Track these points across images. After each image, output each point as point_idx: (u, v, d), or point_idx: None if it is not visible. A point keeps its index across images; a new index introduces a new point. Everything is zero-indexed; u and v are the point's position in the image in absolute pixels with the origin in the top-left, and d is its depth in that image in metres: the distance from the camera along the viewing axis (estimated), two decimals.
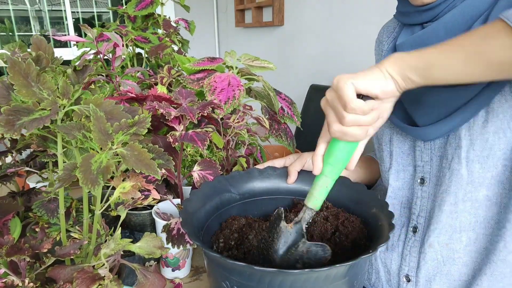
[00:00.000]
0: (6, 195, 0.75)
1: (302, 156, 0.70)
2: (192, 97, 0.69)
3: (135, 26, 1.30)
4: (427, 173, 0.64)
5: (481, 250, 0.60)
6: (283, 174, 0.70)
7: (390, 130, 0.69)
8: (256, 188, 0.67)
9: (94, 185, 0.42)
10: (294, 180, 0.69)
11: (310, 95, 2.30)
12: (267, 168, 0.69)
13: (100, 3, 5.31)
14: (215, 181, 0.64)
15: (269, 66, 0.88)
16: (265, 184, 0.68)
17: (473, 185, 0.58)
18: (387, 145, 0.69)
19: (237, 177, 0.66)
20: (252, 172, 0.68)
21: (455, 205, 0.60)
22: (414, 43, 0.62)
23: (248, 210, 0.66)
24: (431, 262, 0.63)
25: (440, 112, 0.57)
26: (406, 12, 0.64)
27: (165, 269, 0.71)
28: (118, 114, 0.47)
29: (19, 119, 0.41)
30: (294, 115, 0.93)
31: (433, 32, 0.58)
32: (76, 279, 0.44)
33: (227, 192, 0.64)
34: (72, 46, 3.10)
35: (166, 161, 0.55)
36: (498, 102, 0.53)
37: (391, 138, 0.68)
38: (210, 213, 0.60)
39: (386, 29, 0.76)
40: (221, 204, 0.63)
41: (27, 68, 0.43)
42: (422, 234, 0.65)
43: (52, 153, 0.62)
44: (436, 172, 0.62)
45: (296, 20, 2.62)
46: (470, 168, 0.58)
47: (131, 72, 1.08)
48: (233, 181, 0.66)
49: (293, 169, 0.68)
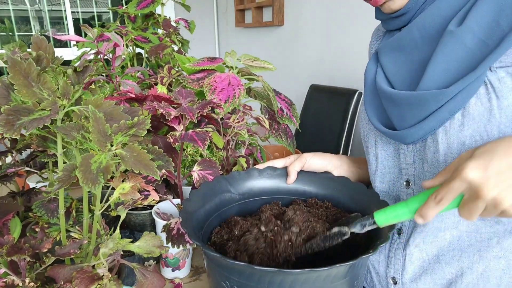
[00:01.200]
0: (6, 195, 0.75)
1: (302, 156, 0.70)
2: (192, 97, 0.69)
3: (135, 26, 1.30)
4: (412, 175, 0.64)
5: (465, 248, 0.60)
6: (283, 174, 0.70)
7: (375, 133, 0.69)
8: (256, 188, 0.67)
9: (95, 184, 0.42)
10: (294, 180, 0.69)
11: (310, 95, 2.30)
12: (267, 168, 0.69)
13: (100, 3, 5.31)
14: (214, 181, 0.64)
15: (269, 66, 0.88)
16: (265, 184, 0.68)
17: None
18: (373, 148, 0.69)
19: (236, 177, 0.67)
20: (251, 172, 0.68)
21: None
22: (391, 45, 0.63)
23: (248, 210, 0.66)
24: (417, 262, 0.64)
25: (415, 115, 0.57)
26: (382, 19, 0.67)
27: (165, 269, 0.71)
28: (118, 115, 0.47)
29: (19, 119, 0.42)
30: (293, 116, 0.93)
31: (408, 34, 0.60)
32: (75, 278, 0.44)
33: (227, 192, 0.64)
34: (72, 46, 3.11)
35: (166, 162, 0.55)
36: (474, 105, 0.53)
37: (376, 141, 0.68)
38: (210, 213, 0.60)
39: (376, 34, 0.78)
40: (221, 204, 0.63)
41: (27, 68, 0.43)
42: (407, 236, 0.65)
43: (52, 153, 0.62)
44: (420, 175, 0.62)
45: (296, 20, 2.62)
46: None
47: (131, 72, 1.08)
48: (233, 181, 0.66)
49: (292, 169, 0.69)
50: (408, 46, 0.61)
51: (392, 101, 0.60)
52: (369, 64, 0.69)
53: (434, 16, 0.57)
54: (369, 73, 0.68)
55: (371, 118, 0.65)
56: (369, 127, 0.70)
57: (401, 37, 0.61)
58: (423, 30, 0.58)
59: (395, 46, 0.63)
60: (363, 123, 0.73)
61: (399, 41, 0.62)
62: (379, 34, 0.77)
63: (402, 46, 0.62)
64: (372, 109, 0.65)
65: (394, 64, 0.63)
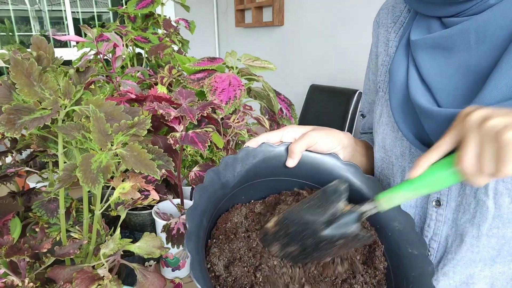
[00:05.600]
0: (6, 195, 0.75)
1: (308, 135, 0.54)
2: (192, 97, 0.69)
3: (135, 26, 1.30)
4: (444, 195, 0.56)
5: (497, 275, 0.55)
6: (282, 153, 0.55)
7: (403, 144, 0.59)
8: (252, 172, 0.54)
9: (95, 183, 0.42)
10: (296, 163, 0.55)
11: (310, 95, 2.31)
12: (262, 146, 0.54)
13: (100, 3, 5.31)
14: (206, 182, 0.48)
15: (269, 66, 0.88)
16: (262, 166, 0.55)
17: (500, 220, 0.51)
18: (399, 160, 0.60)
19: (229, 162, 0.52)
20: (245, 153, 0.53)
21: (478, 239, 0.53)
22: (435, 44, 0.52)
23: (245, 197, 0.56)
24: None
25: None
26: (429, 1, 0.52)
27: (165, 269, 0.71)
28: (118, 115, 0.47)
29: (20, 118, 0.41)
30: (291, 117, 0.93)
31: (461, 35, 0.49)
32: (75, 279, 0.44)
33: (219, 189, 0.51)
34: (72, 46, 3.11)
35: (166, 162, 0.55)
36: None
37: (403, 153, 0.59)
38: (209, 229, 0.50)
39: (392, 12, 0.65)
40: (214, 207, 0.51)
41: (30, 68, 0.43)
42: (435, 260, 0.59)
43: (52, 153, 0.62)
44: (456, 197, 0.55)
45: (296, 20, 2.62)
46: (498, 201, 0.50)
47: (131, 72, 1.08)
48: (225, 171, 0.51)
49: (297, 150, 0.54)
50: (458, 47, 0.50)
51: (435, 120, 0.49)
52: (397, 59, 0.58)
53: (501, 19, 0.46)
54: (398, 71, 0.57)
55: (403, 130, 0.54)
56: (395, 135, 0.60)
57: (452, 37, 0.50)
58: (484, 33, 0.47)
59: (441, 44, 0.51)
60: (385, 129, 0.62)
61: (447, 40, 0.50)
62: (395, 14, 0.64)
63: (450, 46, 0.50)
64: (402, 118, 0.55)
65: (438, 67, 0.52)
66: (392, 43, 0.64)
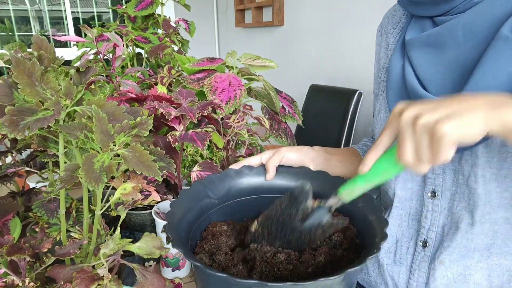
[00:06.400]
0: (6, 195, 0.75)
1: (279, 151, 0.64)
2: (192, 97, 0.69)
3: (135, 26, 1.30)
4: (439, 186, 0.59)
5: (493, 267, 0.57)
6: (261, 172, 0.65)
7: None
8: (235, 189, 0.63)
9: (98, 183, 0.42)
10: (273, 176, 0.64)
11: (310, 95, 2.31)
12: (243, 168, 0.64)
13: (100, 3, 5.31)
14: (192, 188, 0.59)
15: (270, 64, 0.88)
16: (244, 184, 0.64)
17: (491, 206, 0.54)
18: None
19: (214, 180, 0.61)
20: (228, 173, 0.63)
21: (472, 226, 0.56)
22: (427, 41, 0.56)
23: (229, 214, 0.63)
24: (440, 280, 0.60)
25: None
26: (418, 2, 0.57)
27: (165, 269, 0.71)
28: (120, 116, 0.47)
29: (23, 119, 0.41)
30: (295, 113, 0.93)
31: (450, 32, 0.53)
32: (75, 279, 0.44)
33: (206, 197, 0.60)
34: (72, 46, 3.11)
35: (168, 164, 0.55)
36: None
37: None
38: (192, 223, 0.56)
39: (391, 19, 0.70)
40: (202, 211, 0.59)
41: (31, 67, 0.43)
42: (433, 250, 0.61)
43: (52, 153, 0.62)
44: (450, 186, 0.58)
45: (296, 20, 2.62)
46: (488, 187, 0.54)
47: (131, 72, 1.08)
48: (211, 185, 0.61)
49: (271, 164, 0.63)
50: (448, 44, 0.53)
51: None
52: (394, 59, 0.62)
53: (485, 16, 0.50)
54: (394, 68, 0.61)
55: None
56: None
57: (442, 34, 0.54)
58: (470, 29, 0.51)
59: (432, 41, 0.55)
60: (383, 125, 0.66)
61: (437, 37, 0.54)
62: (395, 21, 0.69)
63: (441, 43, 0.54)
64: None
65: (429, 62, 0.56)
66: (391, 46, 0.69)
